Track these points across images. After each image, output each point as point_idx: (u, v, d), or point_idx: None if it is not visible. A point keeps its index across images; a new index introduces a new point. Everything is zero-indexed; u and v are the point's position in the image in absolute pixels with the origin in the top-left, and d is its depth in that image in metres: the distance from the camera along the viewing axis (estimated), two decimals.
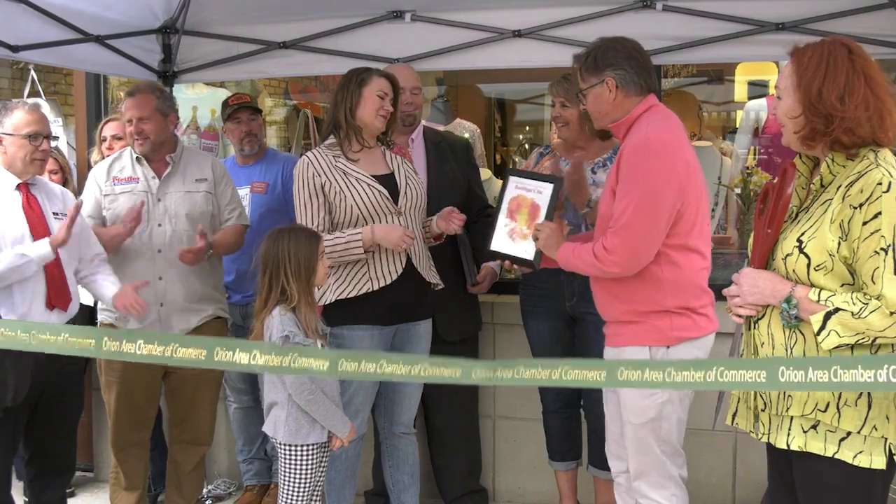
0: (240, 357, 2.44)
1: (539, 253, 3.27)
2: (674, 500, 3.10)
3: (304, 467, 3.27)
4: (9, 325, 2.89)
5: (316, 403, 3.19)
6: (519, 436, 4.46)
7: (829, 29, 3.75)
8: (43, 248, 3.33)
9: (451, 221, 3.55)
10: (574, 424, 4.02)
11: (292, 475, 3.28)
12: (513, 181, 3.42)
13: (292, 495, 3.29)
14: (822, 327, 2.19)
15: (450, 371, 2.45)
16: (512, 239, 3.37)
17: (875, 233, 2.16)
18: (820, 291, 2.24)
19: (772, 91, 5.85)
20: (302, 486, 3.29)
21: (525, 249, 3.31)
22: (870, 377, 2.10)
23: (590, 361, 2.34)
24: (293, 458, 3.26)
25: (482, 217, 3.95)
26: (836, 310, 2.18)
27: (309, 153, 3.61)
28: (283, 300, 3.20)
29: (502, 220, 3.39)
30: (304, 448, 3.26)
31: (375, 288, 3.48)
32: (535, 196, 3.34)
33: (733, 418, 2.53)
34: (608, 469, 3.90)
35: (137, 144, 3.83)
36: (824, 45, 2.31)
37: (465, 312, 4.15)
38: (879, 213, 2.16)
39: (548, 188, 3.32)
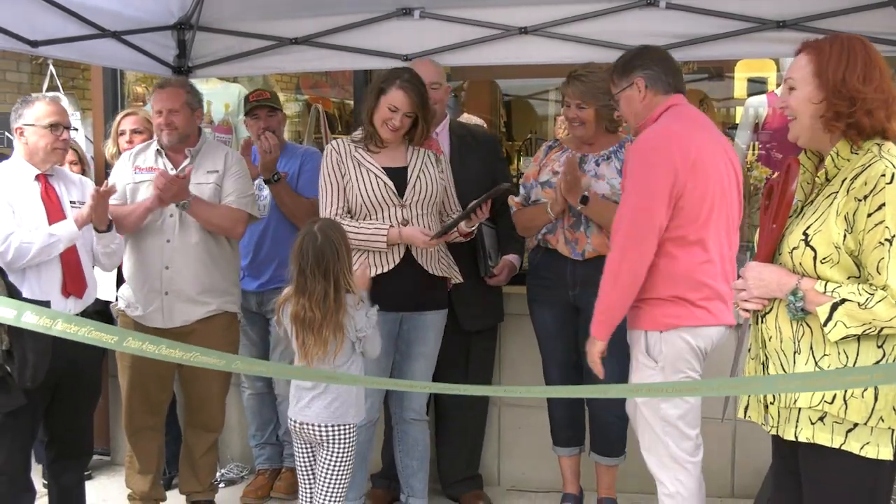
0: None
1: (443, 231, 3.54)
2: (678, 483, 3.11)
3: (351, 446, 3.29)
4: (35, 308, 2.90)
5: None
6: (524, 423, 4.45)
7: (829, 27, 3.72)
8: (69, 226, 3.37)
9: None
10: (577, 411, 4.01)
11: (344, 456, 3.27)
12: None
13: (345, 478, 3.29)
14: (829, 318, 2.17)
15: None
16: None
17: (879, 224, 2.14)
18: (826, 283, 2.21)
19: (771, 87, 5.81)
20: (350, 465, 3.30)
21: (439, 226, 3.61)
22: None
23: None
24: (343, 438, 3.26)
25: (506, 209, 3.96)
26: (843, 301, 2.15)
27: (333, 141, 3.70)
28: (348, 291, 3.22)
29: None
30: (353, 428, 3.29)
31: (372, 274, 3.50)
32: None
33: (745, 411, 2.50)
34: (610, 455, 3.93)
35: (165, 134, 3.82)
36: (842, 37, 2.33)
37: (485, 304, 4.11)
38: (883, 204, 2.14)
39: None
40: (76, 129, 4.19)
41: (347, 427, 3.29)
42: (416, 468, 3.82)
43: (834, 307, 2.15)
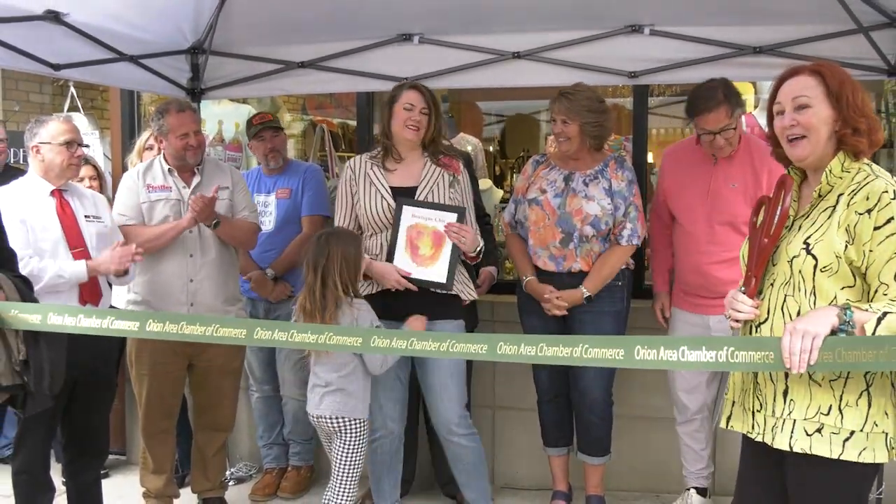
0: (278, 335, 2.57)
1: (451, 275, 3.37)
2: None
3: (362, 437, 3.40)
4: (56, 308, 2.90)
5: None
6: (516, 424, 4.45)
7: (802, 52, 3.74)
8: (80, 271, 3.34)
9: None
10: (566, 413, 4.01)
11: (354, 445, 3.39)
12: (407, 210, 3.44)
13: (356, 465, 3.41)
14: (874, 332, 2.08)
15: (476, 347, 2.44)
16: (416, 263, 3.42)
17: (891, 236, 2.12)
18: (815, 301, 2.19)
19: (749, 109, 5.82)
20: (361, 454, 3.42)
21: (435, 273, 3.40)
22: (711, 357, 2.17)
23: (608, 339, 2.33)
24: (353, 429, 3.39)
25: (482, 225, 3.92)
26: (885, 314, 2.08)
27: (352, 159, 3.67)
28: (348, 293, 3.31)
29: (401, 247, 3.43)
30: (362, 422, 3.41)
31: (374, 291, 3.49)
32: (437, 224, 3.41)
33: (728, 422, 2.44)
34: (595, 455, 3.93)
35: (192, 154, 3.83)
36: (835, 66, 2.32)
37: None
38: (892, 217, 2.13)
39: (451, 217, 3.40)
40: (87, 146, 4.21)
41: (357, 421, 3.40)
42: (463, 481, 3.72)
43: (878, 321, 2.08)
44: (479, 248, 3.47)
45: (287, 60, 4.48)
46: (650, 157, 4.92)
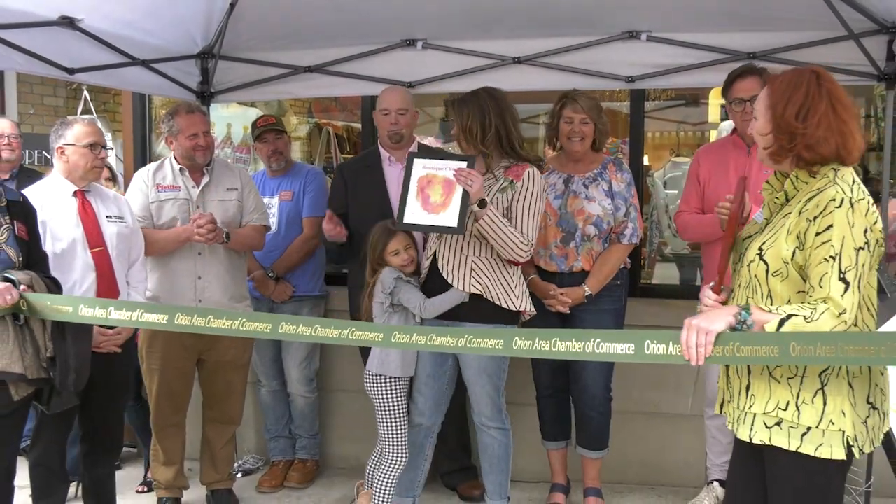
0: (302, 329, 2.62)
1: (462, 219, 3.25)
2: None
3: (395, 396, 3.49)
4: (87, 301, 2.91)
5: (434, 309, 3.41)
6: (516, 419, 4.41)
7: (795, 58, 3.75)
8: None
9: None
10: (564, 408, 4.02)
11: (387, 402, 3.50)
12: (417, 163, 3.39)
13: (391, 420, 3.51)
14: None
15: (493, 342, 2.44)
16: (427, 211, 3.33)
17: (826, 242, 2.13)
18: (771, 304, 2.22)
19: None
20: (401, 413, 3.51)
21: (446, 218, 3.29)
22: (718, 352, 2.18)
23: (619, 333, 2.35)
24: (384, 386, 3.49)
25: None
26: (789, 316, 2.13)
27: None
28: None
29: (412, 197, 3.35)
30: (396, 381, 3.48)
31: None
32: (447, 173, 3.30)
33: (721, 408, 2.49)
34: (594, 449, 3.93)
35: (202, 154, 3.84)
36: (794, 72, 2.31)
37: None
38: (831, 225, 2.14)
39: (462, 164, 3.29)
40: (111, 149, 4.21)
41: (390, 378, 3.48)
42: (486, 470, 3.69)
43: (781, 323, 2.12)
44: (480, 199, 3.28)
45: (294, 65, 4.49)
46: (646, 160, 4.92)
